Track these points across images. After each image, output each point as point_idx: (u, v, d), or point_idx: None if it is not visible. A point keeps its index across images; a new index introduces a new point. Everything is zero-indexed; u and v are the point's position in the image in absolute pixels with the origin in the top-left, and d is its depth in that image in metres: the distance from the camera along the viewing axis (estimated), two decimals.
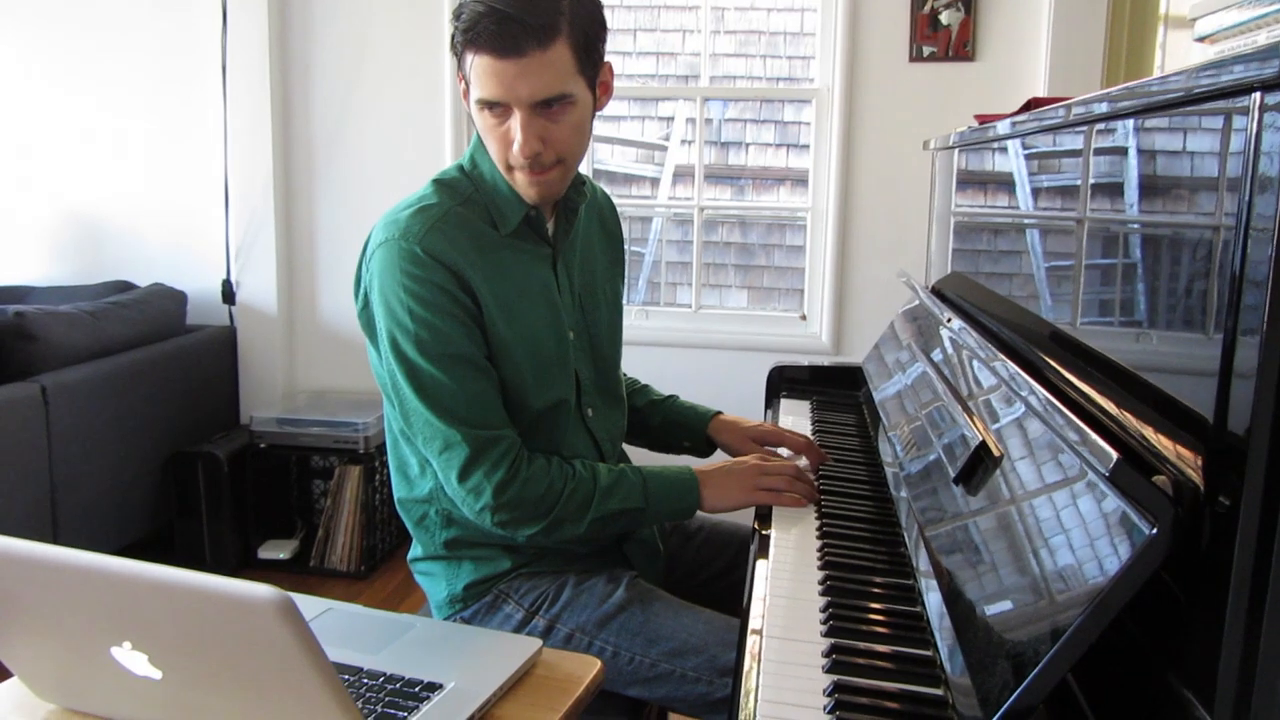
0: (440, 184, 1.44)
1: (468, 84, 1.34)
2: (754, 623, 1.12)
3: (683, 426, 1.76)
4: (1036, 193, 1.41)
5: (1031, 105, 1.43)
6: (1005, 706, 0.77)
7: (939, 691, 0.96)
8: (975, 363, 1.37)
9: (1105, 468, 0.78)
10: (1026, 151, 1.42)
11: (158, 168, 3.51)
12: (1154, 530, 0.73)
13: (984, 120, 1.63)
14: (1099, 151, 1.11)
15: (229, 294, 3.47)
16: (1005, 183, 1.58)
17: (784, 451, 1.66)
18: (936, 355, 1.59)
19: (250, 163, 3.39)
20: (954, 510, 1.11)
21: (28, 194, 3.63)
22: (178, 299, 3.38)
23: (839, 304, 3.21)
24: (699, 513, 1.52)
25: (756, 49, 5.59)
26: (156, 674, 0.88)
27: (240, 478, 3.17)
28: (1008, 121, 1.43)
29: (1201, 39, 1.35)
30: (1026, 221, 1.44)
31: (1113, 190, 1.08)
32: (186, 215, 3.49)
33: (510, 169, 1.38)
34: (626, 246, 1.71)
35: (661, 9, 5.57)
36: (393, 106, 3.37)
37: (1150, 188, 0.96)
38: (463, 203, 1.41)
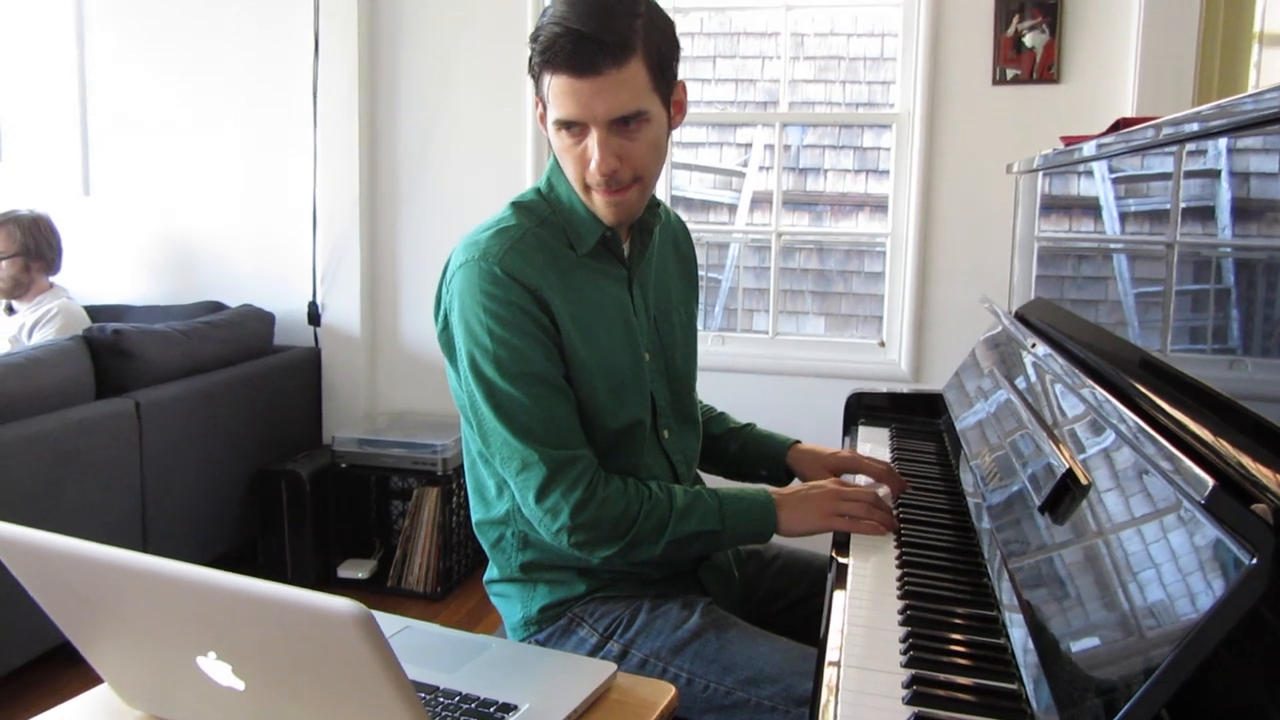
0: (518, 206, 1.46)
1: (545, 106, 1.36)
2: (831, 653, 1.10)
3: (760, 455, 1.75)
4: (1124, 217, 1.37)
5: (1120, 126, 1.40)
6: None
7: None
8: (1060, 389, 1.34)
9: (1201, 495, 0.75)
10: (1114, 174, 1.39)
11: (250, 193, 3.62)
12: (1254, 560, 0.70)
13: (1070, 142, 1.60)
14: (1190, 174, 1.08)
15: (315, 316, 3.55)
16: (1091, 207, 1.55)
17: (864, 479, 1.64)
18: (1020, 382, 1.55)
19: (338, 189, 3.48)
20: (1039, 540, 1.08)
21: (128, 218, 3.77)
22: (266, 320, 3.47)
23: (918, 330, 3.17)
24: (775, 538, 1.50)
25: (836, 75, 5.58)
26: (239, 685, 0.90)
27: (322, 497, 3.23)
28: (1094, 143, 1.40)
29: None
30: (1113, 246, 1.41)
31: (1204, 213, 1.05)
32: (276, 239, 3.59)
33: (587, 189, 1.39)
34: (703, 272, 1.71)
35: (741, 36, 5.60)
36: (475, 133, 3.43)
37: (1243, 210, 0.93)
38: (540, 224, 1.43)
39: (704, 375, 1.72)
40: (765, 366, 3.30)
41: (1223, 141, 0.97)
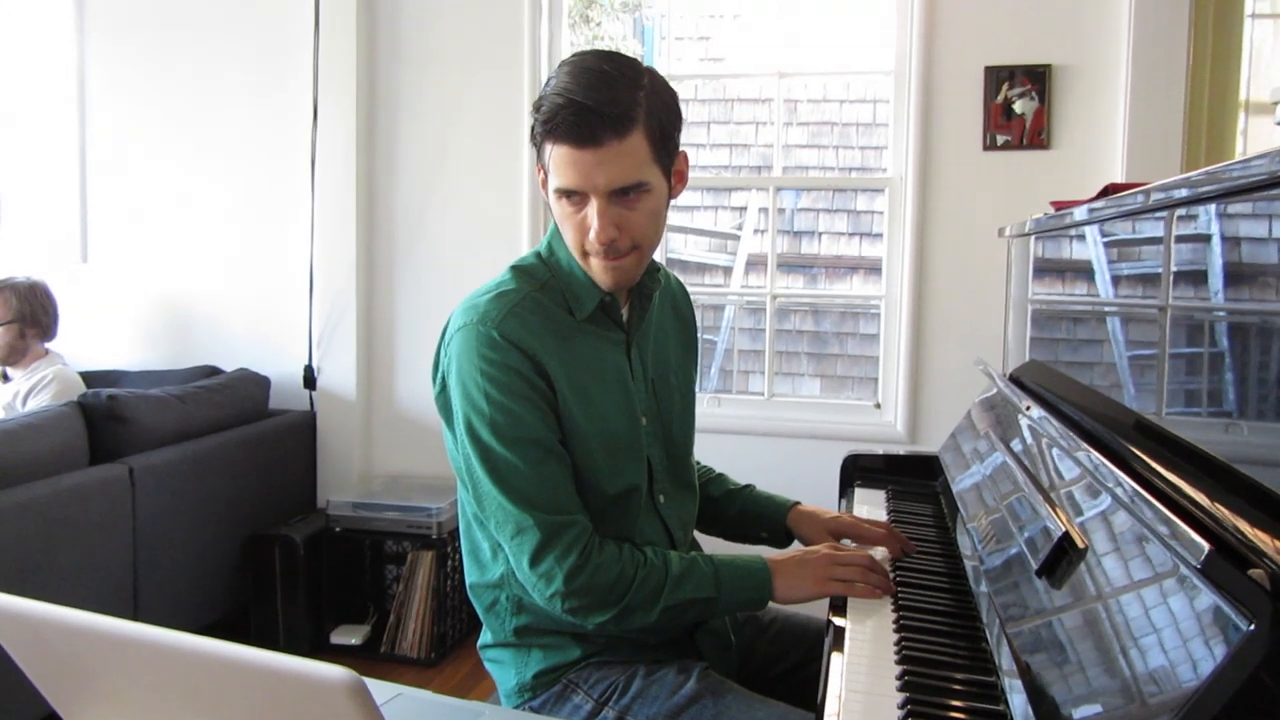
0: (518, 270, 1.47)
1: (546, 173, 1.38)
2: (829, 718, 1.08)
3: (760, 517, 1.74)
4: (1115, 280, 1.39)
5: (1109, 191, 1.42)
6: None
7: None
8: (1056, 452, 1.34)
9: (1197, 560, 0.75)
10: (1105, 238, 1.40)
11: (246, 258, 3.64)
12: (1251, 626, 0.69)
13: (1060, 207, 1.62)
14: (1181, 239, 1.09)
15: (310, 379, 3.56)
16: (1083, 270, 1.56)
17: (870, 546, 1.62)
18: (1016, 444, 1.55)
19: (334, 253, 3.50)
20: (1037, 605, 1.08)
21: (125, 283, 3.78)
22: (262, 384, 3.47)
23: (914, 392, 3.17)
24: (773, 604, 1.49)
25: (829, 140, 5.66)
26: None
27: (315, 561, 3.20)
28: (1085, 207, 1.42)
29: None
30: (1106, 309, 1.42)
31: (1196, 277, 1.06)
32: (272, 303, 3.61)
33: (586, 255, 1.40)
34: (700, 334, 1.71)
35: (735, 102, 5.70)
36: (472, 200, 3.47)
37: (1235, 274, 0.94)
38: (540, 288, 1.44)
39: (700, 436, 1.72)
40: (761, 428, 3.30)
41: (1212, 207, 0.98)
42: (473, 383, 1.36)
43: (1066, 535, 1.08)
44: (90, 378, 3.42)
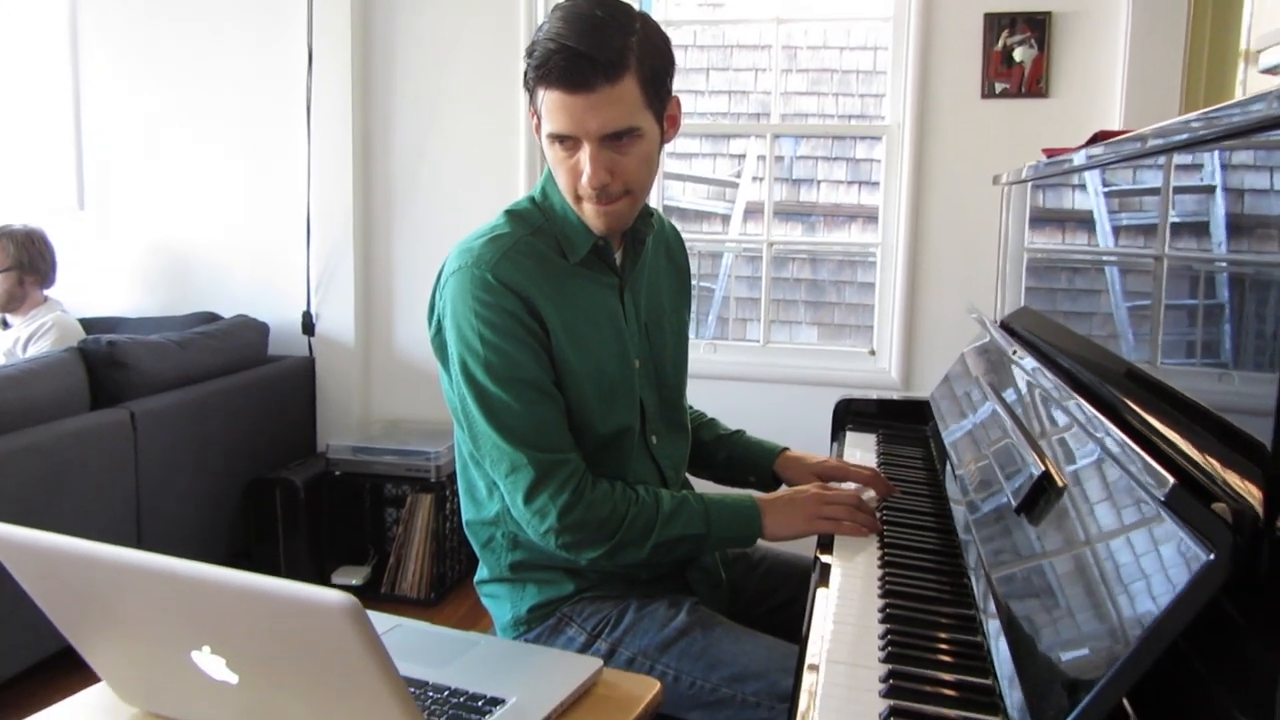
0: (512, 214, 1.49)
1: (539, 118, 1.39)
2: (812, 647, 1.12)
3: (749, 462, 1.77)
4: (1107, 228, 1.40)
5: (1098, 138, 1.43)
6: None
7: (996, 719, 0.95)
8: (1040, 396, 1.37)
9: (1162, 494, 0.78)
10: (1099, 186, 1.42)
11: (244, 205, 3.65)
12: (1211, 556, 0.72)
13: (1052, 154, 1.63)
14: (1180, 189, 1.10)
15: (309, 326, 3.58)
16: (1075, 218, 1.58)
17: (851, 485, 1.66)
18: (1003, 389, 1.58)
19: (331, 199, 3.51)
20: (1014, 539, 1.11)
21: (122, 231, 3.79)
22: (260, 330, 3.49)
23: (908, 339, 3.20)
24: (762, 542, 1.53)
25: (829, 87, 5.62)
26: (233, 678, 0.92)
27: (316, 504, 3.25)
28: (1083, 153, 1.43)
29: (1267, 70, 1.34)
30: (1096, 256, 1.44)
31: (1189, 225, 1.07)
32: (270, 250, 3.62)
33: (579, 199, 1.42)
34: (697, 281, 1.73)
35: (734, 49, 5.65)
36: (468, 145, 3.46)
37: (1229, 222, 0.95)
38: (533, 232, 1.46)
39: (696, 383, 1.74)
40: (756, 374, 3.33)
41: (1207, 152, 1.00)
42: (467, 324, 1.39)
43: (1045, 474, 1.11)
44: (89, 324, 3.44)
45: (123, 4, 3.69)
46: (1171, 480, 0.77)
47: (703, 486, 1.72)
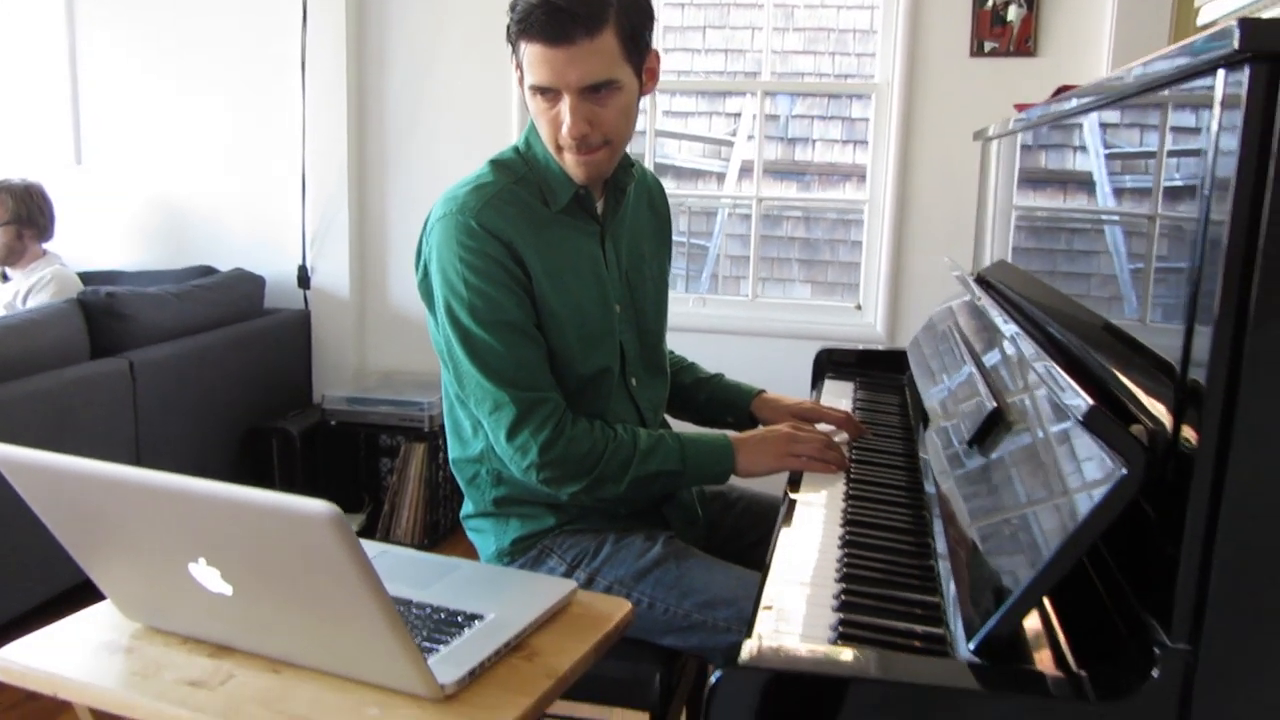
0: (496, 164, 1.54)
1: (521, 70, 1.44)
2: (776, 568, 1.19)
3: (727, 403, 1.84)
4: (1071, 183, 1.45)
5: (1059, 93, 1.48)
6: (983, 633, 0.84)
7: (940, 630, 1.02)
8: (1003, 340, 1.42)
9: (1081, 415, 0.84)
10: (1049, 142, 1.47)
11: (240, 159, 3.68)
12: (1124, 471, 0.79)
13: (1023, 109, 1.68)
14: (1106, 141, 1.16)
15: (304, 279, 3.63)
16: (1041, 175, 1.63)
17: (825, 426, 1.73)
18: (970, 334, 1.64)
19: (326, 154, 3.54)
20: (965, 467, 1.18)
21: (119, 185, 3.83)
22: (256, 283, 3.55)
23: (893, 294, 3.25)
24: (739, 481, 1.59)
25: (825, 46, 5.62)
26: (228, 589, 0.99)
27: (312, 454, 3.32)
28: (1032, 111, 1.48)
29: (1204, 26, 1.38)
30: (1053, 211, 1.49)
31: (1139, 173, 1.13)
32: (266, 204, 3.66)
33: (560, 150, 1.47)
34: (692, 239, 1.79)
35: (730, 6, 5.63)
36: (463, 98, 3.49)
37: (1170, 170, 1.01)
38: (516, 181, 1.51)
39: (687, 336, 1.80)
40: (745, 328, 3.38)
41: (1144, 110, 1.05)
42: (452, 269, 1.44)
43: (997, 409, 1.18)
44: (87, 278, 3.48)
45: None
46: (1090, 402, 0.83)
47: (682, 428, 1.79)
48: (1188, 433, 0.78)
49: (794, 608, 1.07)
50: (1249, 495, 0.75)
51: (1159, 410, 0.86)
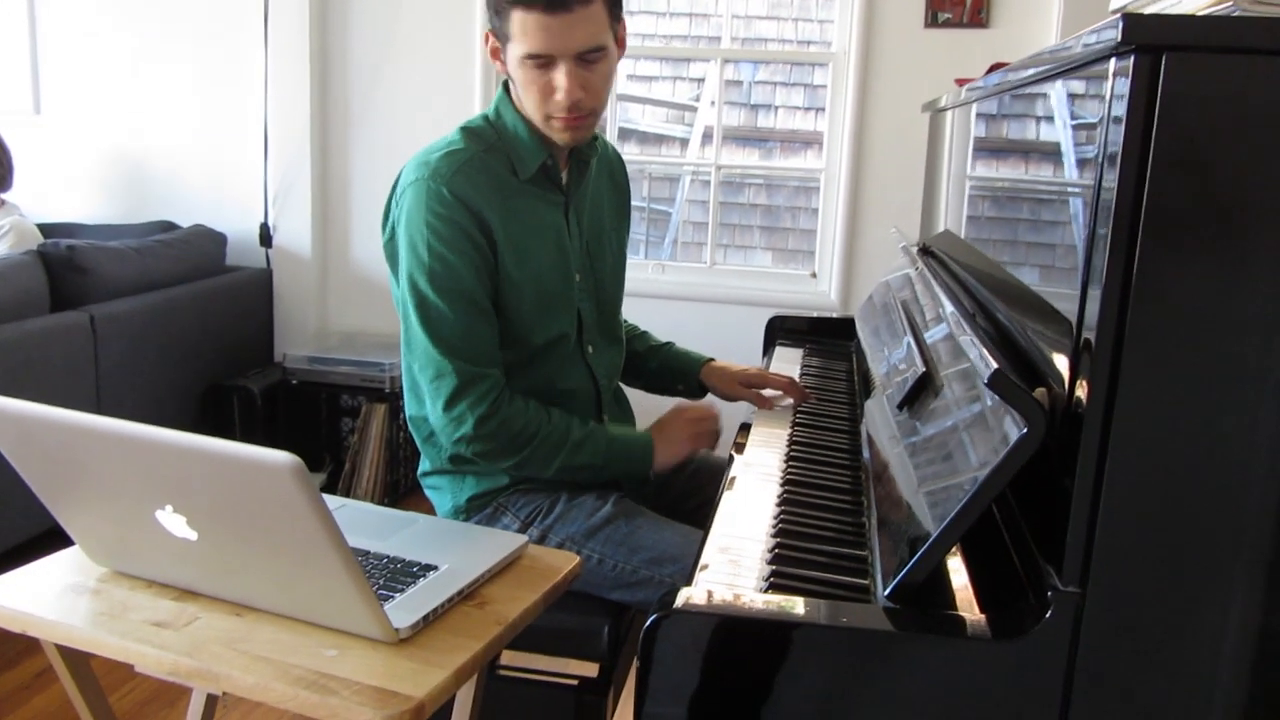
0: (467, 131, 1.58)
1: (505, 41, 1.47)
2: (717, 526, 1.26)
3: (677, 371, 1.91)
4: (1003, 153, 1.52)
5: (994, 68, 1.54)
6: (896, 580, 0.91)
7: (865, 581, 1.09)
8: (936, 307, 1.50)
9: (986, 379, 0.91)
10: (978, 115, 1.54)
11: (201, 114, 3.67)
12: (1024, 430, 0.86)
13: (963, 83, 1.74)
14: (1014, 115, 1.22)
15: (266, 237, 3.64)
16: (980, 145, 1.69)
17: (770, 391, 1.80)
18: (909, 303, 1.71)
19: (289, 111, 3.55)
20: (894, 429, 1.25)
21: (79, 136, 3.81)
22: (218, 240, 3.56)
23: (848, 262, 3.33)
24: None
25: (788, 13, 5.65)
26: (193, 535, 1.04)
27: (273, 412, 3.36)
28: (970, 87, 1.54)
29: (1116, 11, 1.44)
30: (987, 181, 1.56)
31: (1042, 148, 1.20)
32: (227, 160, 3.66)
33: (548, 118, 1.52)
34: (654, 205, 1.85)
35: None
36: (426, 59, 3.51)
37: (1076, 143, 1.08)
38: (486, 149, 1.56)
39: (645, 302, 1.86)
40: (702, 295, 3.45)
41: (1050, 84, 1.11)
42: (418, 234, 1.49)
43: (926, 373, 1.25)
44: (46, 230, 3.47)
45: None
46: (994, 366, 0.90)
47: (634, 395, 1.86)
48: (1081, 392, 0.85)
49: (731, 561, 1.14)
50: (1132, 450, 0.82)
51: (1063, 372, 0.93)
